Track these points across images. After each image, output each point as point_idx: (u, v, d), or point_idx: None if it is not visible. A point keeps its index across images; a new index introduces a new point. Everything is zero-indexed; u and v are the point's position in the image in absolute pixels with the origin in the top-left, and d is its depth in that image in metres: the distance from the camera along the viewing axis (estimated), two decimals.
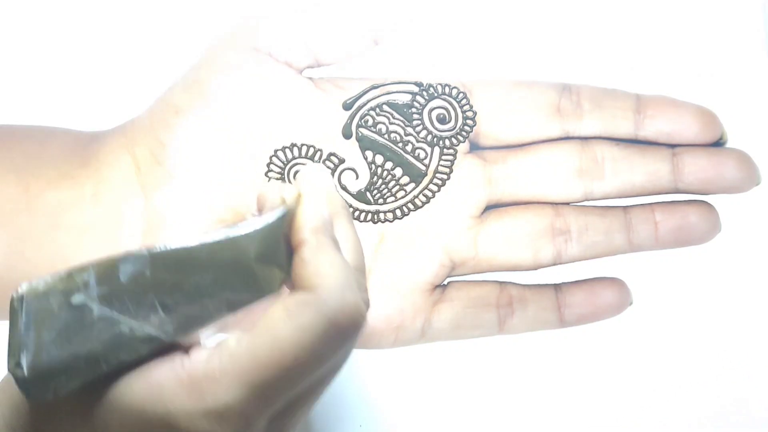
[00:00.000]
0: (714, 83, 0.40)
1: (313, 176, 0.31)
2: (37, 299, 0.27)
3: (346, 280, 0.28)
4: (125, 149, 0.37)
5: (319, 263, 0.28)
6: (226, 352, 0.27)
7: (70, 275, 0.27)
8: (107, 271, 0.27)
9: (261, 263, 0.28)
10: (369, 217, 0.38)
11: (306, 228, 0.29)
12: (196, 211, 0.36)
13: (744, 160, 0.38)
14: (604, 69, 0.40)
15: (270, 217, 0.28)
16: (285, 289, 0.30)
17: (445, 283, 0.39)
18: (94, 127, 0.39)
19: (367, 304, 0.28)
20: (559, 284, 0.39)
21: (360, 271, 0.30)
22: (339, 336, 0.27)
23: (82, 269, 0.27)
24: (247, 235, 0.28)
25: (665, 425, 0.41)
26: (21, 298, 0.27)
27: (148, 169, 0.36)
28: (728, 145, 0.39)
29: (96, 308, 0.26)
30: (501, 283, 0.39)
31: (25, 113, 0.40)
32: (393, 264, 0.38)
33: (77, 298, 0.26)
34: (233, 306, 0.28)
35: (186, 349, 0.28)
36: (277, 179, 0.37)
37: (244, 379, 0.26)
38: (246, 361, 0.26)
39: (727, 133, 0.39)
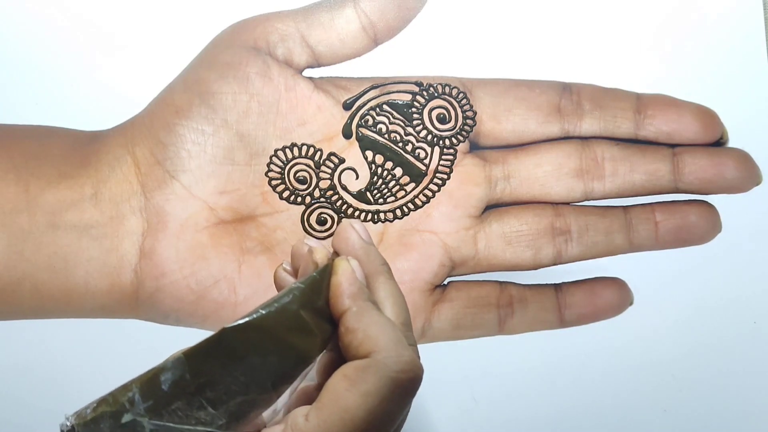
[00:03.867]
0: (714, 83, 0.40)
1: (349, 234, 0.31)
2: (88, 427, 0.27)
3: (398, 339, 0.28)
4: (125, 149, 0.37)
5: (367, 328, 0.28)
6: (297, 430, 0.27)
7: (115, 397, 0.27)
8: (150, 384, 0.27)
9: (295, 334, 0.28)
10: (369, 217, 0.38)
11: (344, 296, 0.29)
12: (196, 211, 0.36)
13: (744, 160, 0.38)
14: (604, 69, 0.40)
15: (296, 288, 0.29)
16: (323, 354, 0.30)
17: (445, 283, 0.39)
18: (94, 127, 0.39)
19: (419, 356, 0.29)
20: (560, 284, 0.39)
21: (406, 326, 0.30)
22: (403, 393, 0.27)
23: (126, 389, 0.27)
24: (276, 311, 0.28)
25: (665, 424, 0.41)
26: (72, 430, 0.27)
27: (148, 169, 0.36)
28: (728, 144, 0.39)
29: (146, 423, 0.27)
30: (501, 283, 0.39)
31: (25, 113, 0.40)
32: (393, 264, 0.37)
33: (126, 418, 0.27)
34: (277, 384, 0.28)
35: None
36: (277, 179, 0.37)
37: None
38: None
39: (728, 132, 0.39)
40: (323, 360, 0.31)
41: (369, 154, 0.38)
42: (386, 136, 0.38)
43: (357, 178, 0.38)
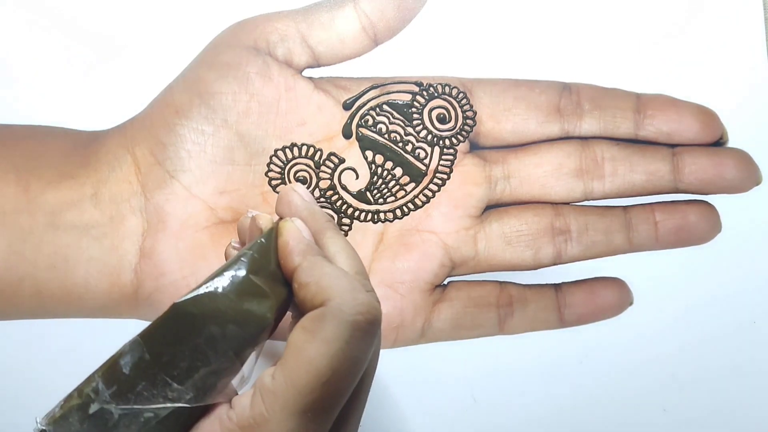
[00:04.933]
0: (714, 83, 0.40)
1: (290, 197, 0.31)
2: (58, 425, 0.27)
3: (351, 285, 0.28)
4: (125, 149, 0.37)
5: (320, 280, 0.28)
6: (265, 390, 0.27)
7: (81, 390, 0.27)
8: (111, 371, 0.27)
9: (249, 299, 0.28)
10: (369, 216, 0.38)
11: (294, 254, 0.29)
12: (196, 211, 0.36)
13: (744, 160, 0.38)
14: (604, 69, 0.40)
15: (244, 254, 0.29)
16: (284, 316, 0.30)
17: (445, 283, 0.39)
18: (94, 127, 0.39)
19: (378, 301, 0.29)
20: (559, 284, 0.39)
21: (362, 274, 0.30)
22: (364, 335, 0.27)
23: (89, 380, 0.27)
24: (226, 279, 0.28)
25: (665, 424, 0.41)
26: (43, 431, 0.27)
27: (148, 169, 0.36)
28: (728, 145, 0.39)
29: (114, 409, 0.27)
30: (501, 283, 0.39)
31: (25, 113, 0.40)
32: (393, 264, 0.38)
33: (93, 408, 0.27)
34: (238, 351, 0.28)
35: (229, 402, 0.28)
36: (277, 179, 0.37)
37: (292, 410, 0.26)
38: (288, 393, 0.26)
39: (728, 132, 0.39)
40: (289, 326, 0.31)
41: (369, 154, 0.38)
42: (386, 136, 0.38)
43: (357, 178, 0.38)
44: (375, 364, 0.29)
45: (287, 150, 0.37)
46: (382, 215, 0.38)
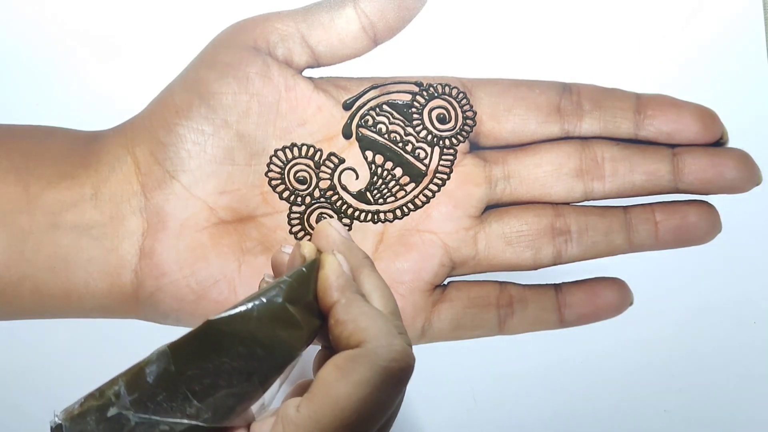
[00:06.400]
0: (714, 83, 0.40)
1: (329, 232, 0.31)
2: (75, 422, 0.27)
3: (388, 328, 0.28)
4: (125, 149, 0.37)
5: (357, 319, 0.28)
6: (288, 420, 0.27)
7: (102, 391, 0.27)
8: (135, 377, 0.27)
9: (281, 327, 0.28)
10: (369, 217, 0.38)
11: (333, 289, 0.29)
12: (196, 211, 0.36)
13: (744, 160, 0.38)
14: (604, 69, 0.40)
15: (283, 282, 0.29)
16: (311, 348, 0.30)
17: (445, 283, 0.39)
18: (94, 127, 0.39)
19: (411, 346, 0.29)
20: (559, 284, 0.39)
21: (395, 315, 0.30)
22: (395, 382, 0.27)
23: (112, 383, 0.27)
24: (262, 304, 0.28)
25: (665, 424, 0.41)
26: (60, 427, 0.27)
27: (148, 169, 0.36)
28: (728, 145, 0.39)
29: (132, 416, 0.27)
30: (501, 283, 0.39)
31: (25, 113, 0.40)
32: (393, 264, 0.38)
33: (112, 411, 0.27)
34: (263, 377, 0.28)
35: (247, 428, 0.28)
36: (276, 179, 0.37)
37: None
38: (310, 427, 0.26)
39: (728, 133, 0.39)
40: (318, 356, 0.31)
41: (369, 154, 0.38)
42: (386, 136, 0.38)
43: (357, 178, 0.38)
44: (399, 408, 0.29)
45: (287, 150, 0.37)
46: (382, 215, 0.38)
